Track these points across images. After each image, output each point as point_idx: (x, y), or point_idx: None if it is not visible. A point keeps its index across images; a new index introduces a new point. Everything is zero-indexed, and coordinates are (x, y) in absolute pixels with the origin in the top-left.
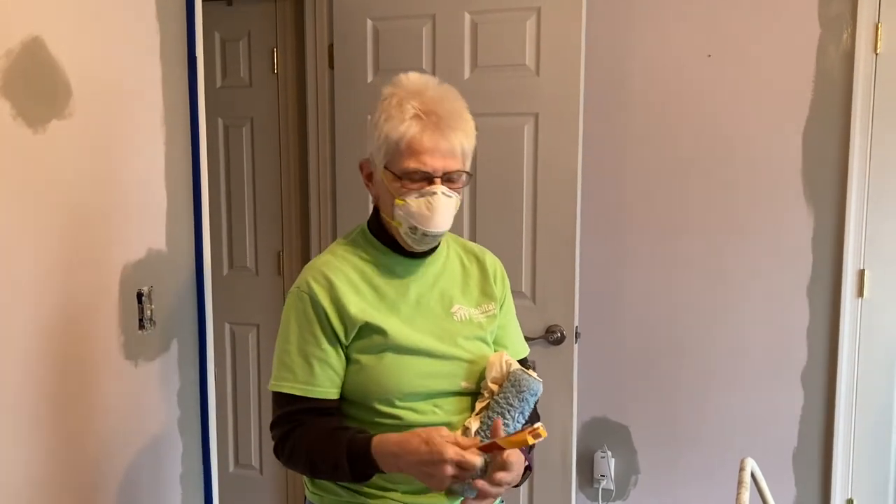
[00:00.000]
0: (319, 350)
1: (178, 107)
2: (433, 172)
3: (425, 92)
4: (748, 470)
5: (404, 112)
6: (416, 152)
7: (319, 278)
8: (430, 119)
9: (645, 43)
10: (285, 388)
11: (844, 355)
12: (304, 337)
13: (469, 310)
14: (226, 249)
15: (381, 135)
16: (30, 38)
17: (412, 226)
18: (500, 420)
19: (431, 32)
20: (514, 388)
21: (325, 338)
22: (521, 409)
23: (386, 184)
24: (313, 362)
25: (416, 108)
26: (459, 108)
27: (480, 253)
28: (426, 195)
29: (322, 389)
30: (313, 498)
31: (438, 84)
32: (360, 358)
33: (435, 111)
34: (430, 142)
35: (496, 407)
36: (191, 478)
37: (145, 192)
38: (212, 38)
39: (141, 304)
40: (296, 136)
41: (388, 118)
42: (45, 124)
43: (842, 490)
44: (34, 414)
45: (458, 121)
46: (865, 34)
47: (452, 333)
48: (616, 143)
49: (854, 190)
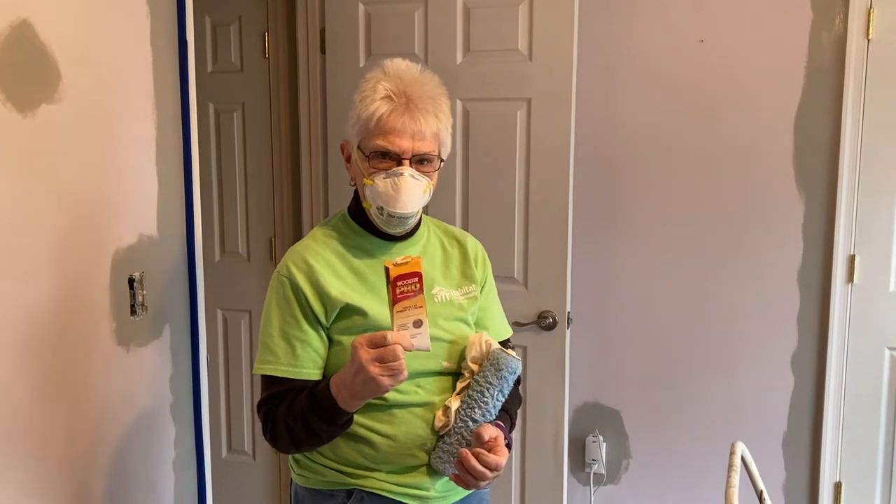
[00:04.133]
0: (301, 332)
1: (169, 92)
2: (401, 153)
3: (403, 75)
4: (738, 454)
5: (376, 92)
6: (384, 132)
7: (299, 262)
8: (399, 100)
9: (637, 28)
10: (268, 370)
11: (834, 341)
12: (285, 319)
13: (450, 291)
14: (218, 235)
15: (355, 114)
16: (18, 22)
17: (379, 206)
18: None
19: (424, 17)
20: (493, 367)
21: (306, 320)
22: (500, 388)
23: (358, 163)
24: (295, 344)
25: (387, 89)
26: (435, 94)
27: (462, 236)
28: (392, 176)
29: (305, 370)
30: (299, 480)
31: (421, 71)
32: (342, 339)
33: (406, 93)
34: (397, 122)
35: (476, 386)
36: (183, 463)
37: (136, 177)
38: (202, 22)
39: (132, 290)
40: (287, 122)
41: (363, 98)
42: (34, 109)
43: (830, 474)
44: (25, 400)
45: (431, 104)
46: (858, 20)
47: (433, 314)
48: (608, 129)
49: (845, 176)
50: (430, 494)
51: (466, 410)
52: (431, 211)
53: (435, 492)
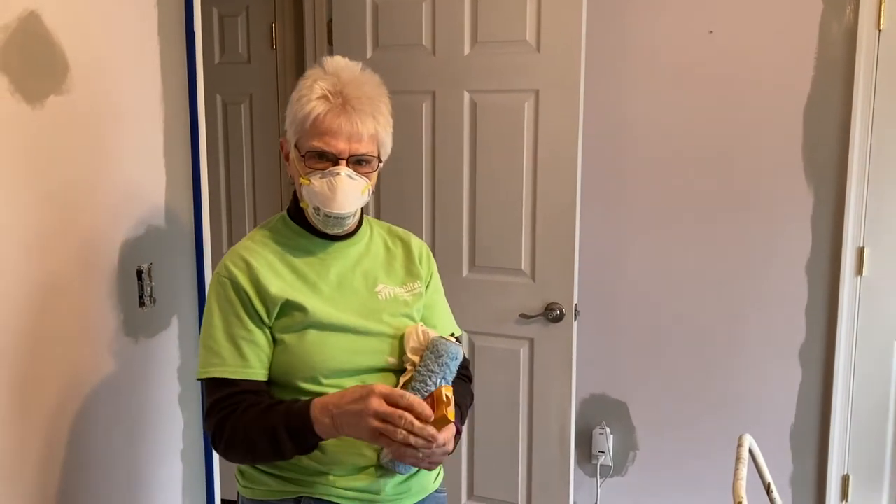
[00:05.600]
0: (245, 331)
1: (177, 83)
2: (338, 154)
3: (341, 74)
4: (746, 446)
5: (313, 91)
6: (320, 132)
7: (238, 262)
8: (336, 100)
9: (646, 19)
10: (215, 372)
11: (843, 333)
12: (228, 320)
13: (393, 288)
14: (225, 226)
15: (292, 112)
16: (26, 13)
17: (316, 206)
18: None
19: (431, 8)
20: (433, 354)
21: (251, 319)
22: (443, 374)
23: (295, 163)
24: (241, 343)
25: (324, 89)
26: (373, 94)
27: (406, 236)
28: (329, 175)
29: (252, 370)
30: (245, 492)
31: (361, 70)
32: (284, 337)
33: (343, 93)
34: (333, 123)
35: (418, 376)
36: (192, 452)
37: (144, 168)
38: (210, 13)
39: (141, 282)
40: None
41: (300, 98)
42: (43, 100)
43: (838, 466)
44: (33, 391)
45: (368, 105)
46: (868, 10)
47: (377, 311)
48: (616, 121)
49: (854, 168)
50: (380, 497)
51: None
52: (438, 200)
53: (386, 494)
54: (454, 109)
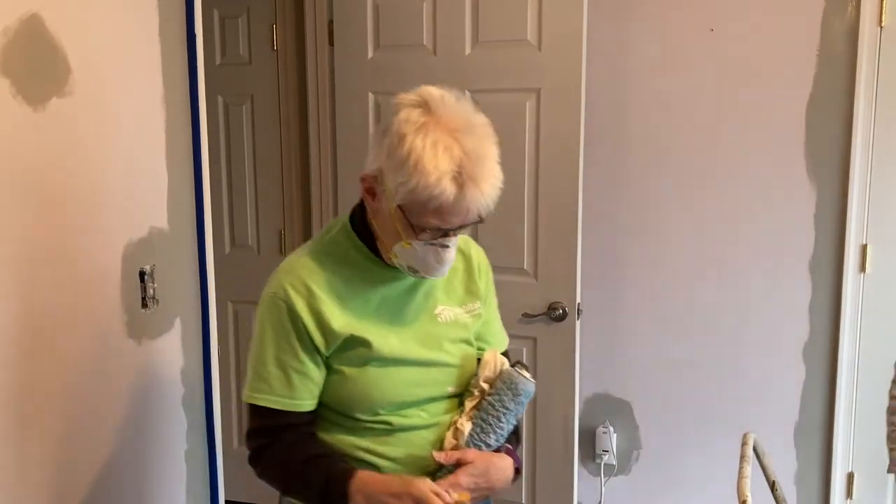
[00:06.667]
0: (297, 362)
1: (178, 85)
2: (451, 227)
3: (464, 135)
4: (750, 444)
5: (439, 164)
6: (441, 213)
7: (298, 285)
8: (466, 179)
9: (648, 17)
10: (261, 400)
11: (846, 330)
12: (280, 346)
13: (453, 309)
14: (227, 228)
15: (405, 179)
16: (28, 16)
17: (411, 267)
18: None
19: (432, 7)
20: (511, 391)
21: (304, 349)
22: (516, 412)
23: (394, 220)
24: (291, 374)
25: (453, 164)
26: (492, 153)
27: (465, 246)
28: (437, 245)
29: (300, 402)
30: None
31: (474, 112)
32: (343, 369)
33: (471, 168)
34: (459, 206)
35: (491, 409)
36: (195, 455)
37: (146, 170)
38: (211, 15)
39: (143, 283)
40: (296, 113)
41: (418, 165)
42: (45, 102)
43: (843, 464)
44: (37, 393)
45: (492, 175)
46: (870, 7)
47: (438, 337)
48: (619, 119)
49: (857, 165)
50: None
51: (480, 435)
52: None
53: None
54: None
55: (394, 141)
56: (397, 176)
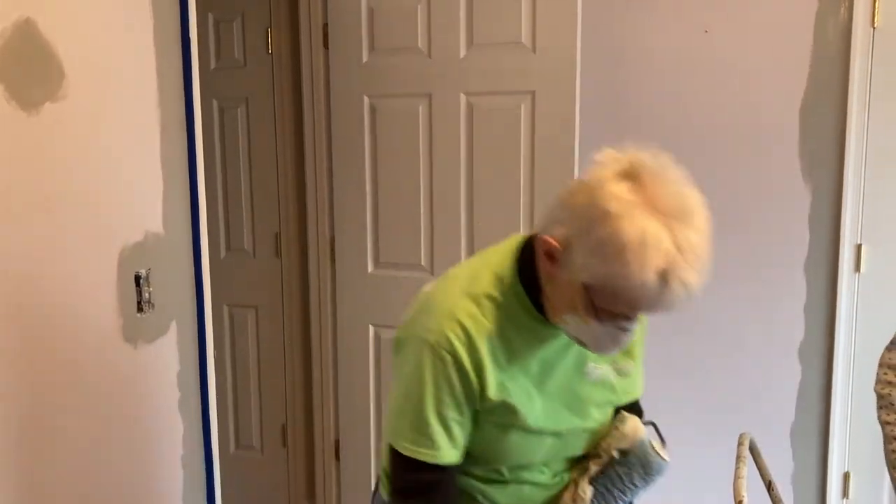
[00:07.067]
0: (459, 415)
1: (173, 88)
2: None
3: (678, 223)
4: (746, 445)
5: (647, 259)
6: (639, 307)
7: (463, 337)
8: (674, 278)
9: (642, 19)
10: (426, 456)
11: (842, 330)
12: (442, 400)
13: (603, 367)
14: (223, 231)
15: (601, 263)
16: (22, 20)
17: (581, 341)
18: None
19: (427, 11)
20: (643, 469)
21: (468, 403)
22: (644, 488)
23: (574, 293)
24: (453, 427)
25: (662, 261)
26: (707, 245)
27: None
28: (618, 329)
29: (457, 454)
30: None
31: (686, 185)
32: (485, 427)
33: (682, 265)
34: (661, 304)
35: (617, 482)
36: (192, 459)
37: (141, 174)
38: (205, 18)
39: (139, 287)
40: (291, 117)
41: (622, 255)
42: (38, 107)
43: (839, 464)
44: (31, 397)
45: (704, 271)
46: (863, 8)
47: (584, 401)
48: (613, 121)
49: (851, 165)
50: None
51: (601, 501)
52: (435, 202)
53: None
54: (451, 112)
55: (595, 215)
56: (592, 256)
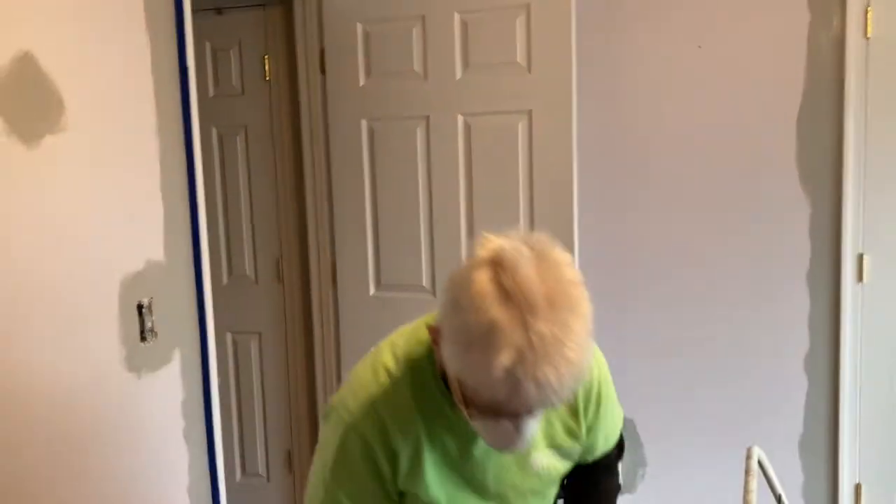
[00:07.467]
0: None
1: (172, 117)
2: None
3: (534, 314)
4: (755, 458)
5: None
6: (491, 402)
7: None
8: (523, 376)
9: (636, 35)
10: None
11: (847, 340)
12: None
13: (549, 457)
14: (224, 258)
15: (456, 357)
16: (21, 54)
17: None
18: None
19: (422, 33)
20: None
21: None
22: None
23: (454, 386)
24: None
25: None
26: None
27: None
28: (513, 426)
29: None
30: None
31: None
32: None
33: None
34: (514, 405)
35: None
36: (198, 488)
37: (142, 203)
38: (203, 47)
39: (142, 316)
40: (290, 142)
41: (469, 351)
42: (39, 139)
43: (850, 475)
44: (35, 426)
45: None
46: (856, 19)
47: (523, 492)
48: (610, 138)
49: (850, 175)
50: None
51: None
52: (435, 223)
53: None
54: (448, 133)
55: (452, 303)
56: (452, 346)
